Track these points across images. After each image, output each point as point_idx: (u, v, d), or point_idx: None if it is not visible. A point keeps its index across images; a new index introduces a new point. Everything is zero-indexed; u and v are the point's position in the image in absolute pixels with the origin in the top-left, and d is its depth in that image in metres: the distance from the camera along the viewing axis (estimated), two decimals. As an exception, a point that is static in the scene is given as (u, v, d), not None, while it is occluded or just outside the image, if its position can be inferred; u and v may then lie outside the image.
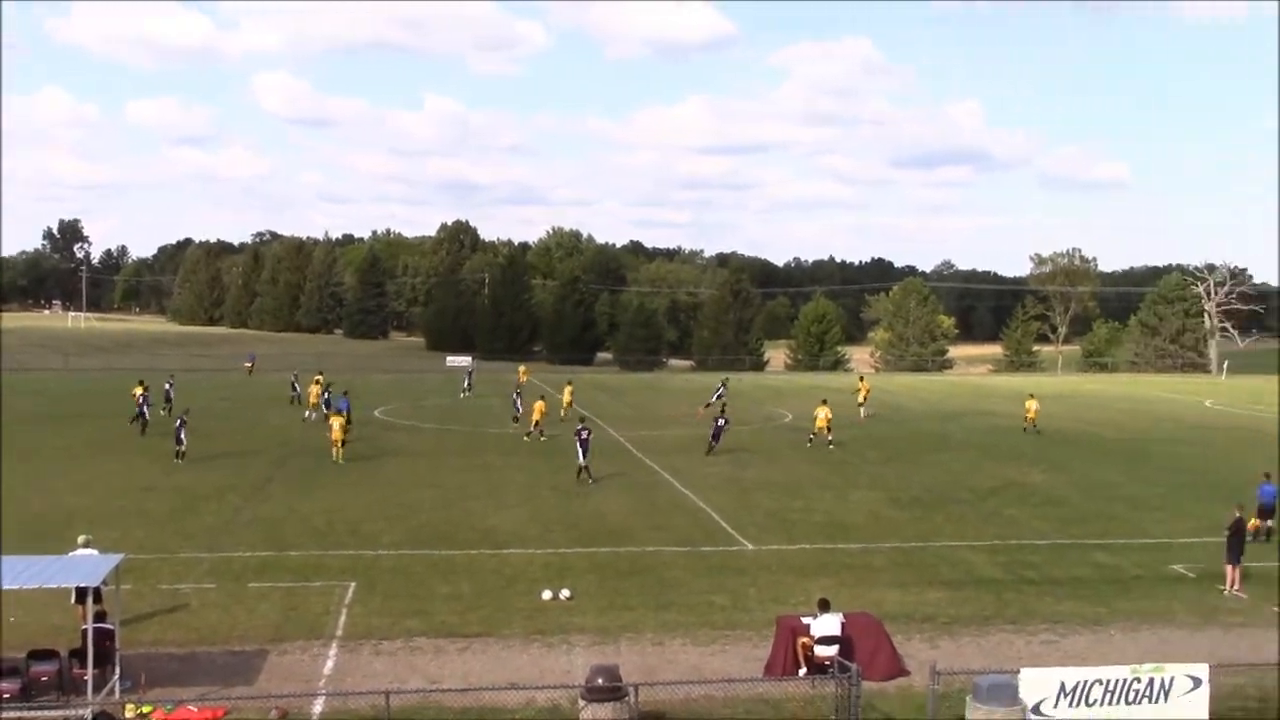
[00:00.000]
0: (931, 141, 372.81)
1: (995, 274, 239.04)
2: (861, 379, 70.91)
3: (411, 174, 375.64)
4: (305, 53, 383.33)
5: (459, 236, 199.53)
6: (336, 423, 42.12)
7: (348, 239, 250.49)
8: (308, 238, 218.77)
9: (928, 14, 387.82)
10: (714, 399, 61.07)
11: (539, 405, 48.83)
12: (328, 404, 53.26)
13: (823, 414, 47.50)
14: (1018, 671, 16.53)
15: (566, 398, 58.08)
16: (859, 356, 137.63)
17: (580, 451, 37.59)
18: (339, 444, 41.26)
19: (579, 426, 39.02)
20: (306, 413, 55.52)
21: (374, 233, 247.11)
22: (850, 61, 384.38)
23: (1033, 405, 54.18)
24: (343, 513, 31.88)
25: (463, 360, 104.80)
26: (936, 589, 24.56)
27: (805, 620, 19.00)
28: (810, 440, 47.25)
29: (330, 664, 19.30)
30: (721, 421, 45.41)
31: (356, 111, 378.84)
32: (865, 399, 60.02)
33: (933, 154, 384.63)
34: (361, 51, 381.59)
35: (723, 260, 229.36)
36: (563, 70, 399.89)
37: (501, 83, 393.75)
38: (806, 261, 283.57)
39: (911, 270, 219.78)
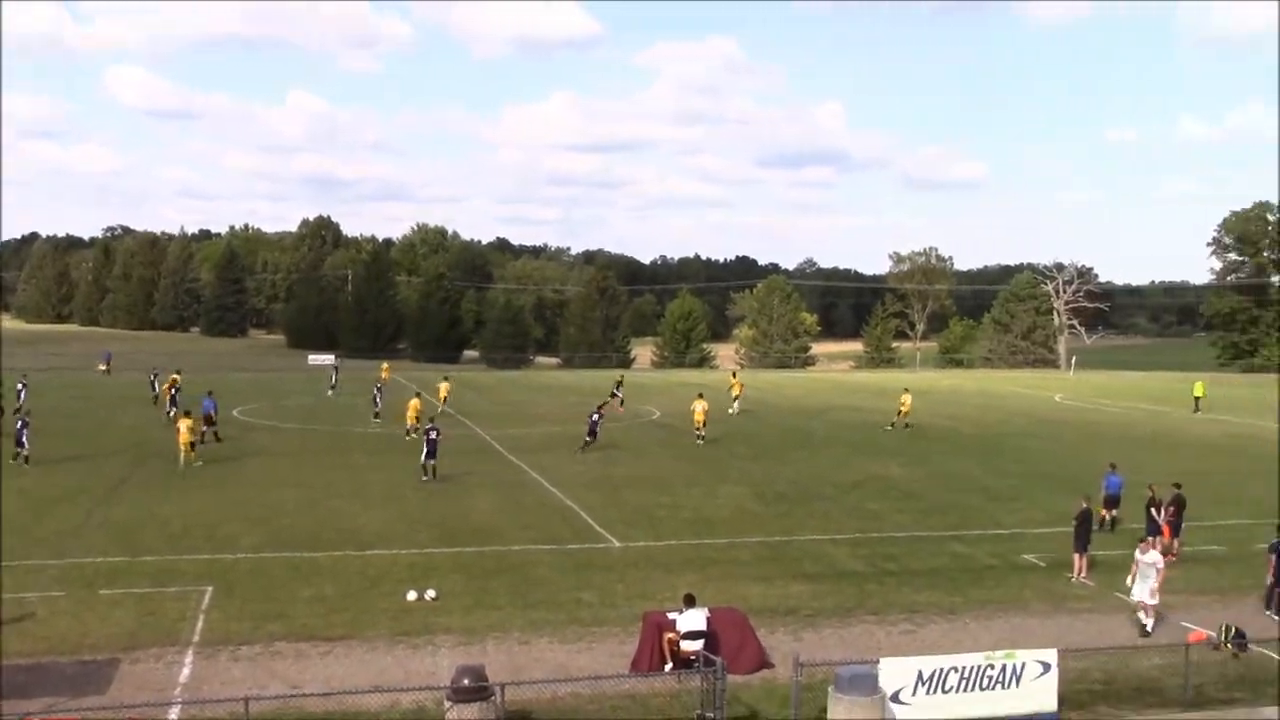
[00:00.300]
0: (795, 142, 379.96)
1: (856, 272, 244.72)
2: (735, 375, 71.66)
3: (276, 170, 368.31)
4: (165, 47, 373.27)
5: (321, 232, 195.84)
6: (184, 425, 40.33)
7: (204, 234, 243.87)
8: (162, 233, 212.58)
9: (790, 14, 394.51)
10: (618, 393, 61.61)
11: (413, 404, 48.23)
12: (174, 402, 51.93)
13: (700, 408, 48.02)
14: (877, 661, 16.93)
15: (443, 393, 58.35)
16: (724, 353, 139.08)
17: (425, 450, 37.33)
18: (188, 447, 39.51)
19: (429, 426, 38.76)
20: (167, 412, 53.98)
21: (232, 228, 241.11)
22: (714, 60, 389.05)
23: (907, 399, 55.27)
24: (200, 515, 31.01)
25: (326, 358, 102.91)
26: (800, 582, 24.97)
27: (671, 616, 19.14)
28: (700, 439, 47.44)
29: (187, 671, 18.76)
30: (595, 416, 45.64)
31: (219, 107, 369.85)
32: (739, 396, 61.07)
33: (797, 154, 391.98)
34: (223, 46, 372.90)
35: (589, 258, 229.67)
36: (428, 67, 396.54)
37: (366, 79, 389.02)
38: (672, 259, 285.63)
39: (775, 268, 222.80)
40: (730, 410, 58.90)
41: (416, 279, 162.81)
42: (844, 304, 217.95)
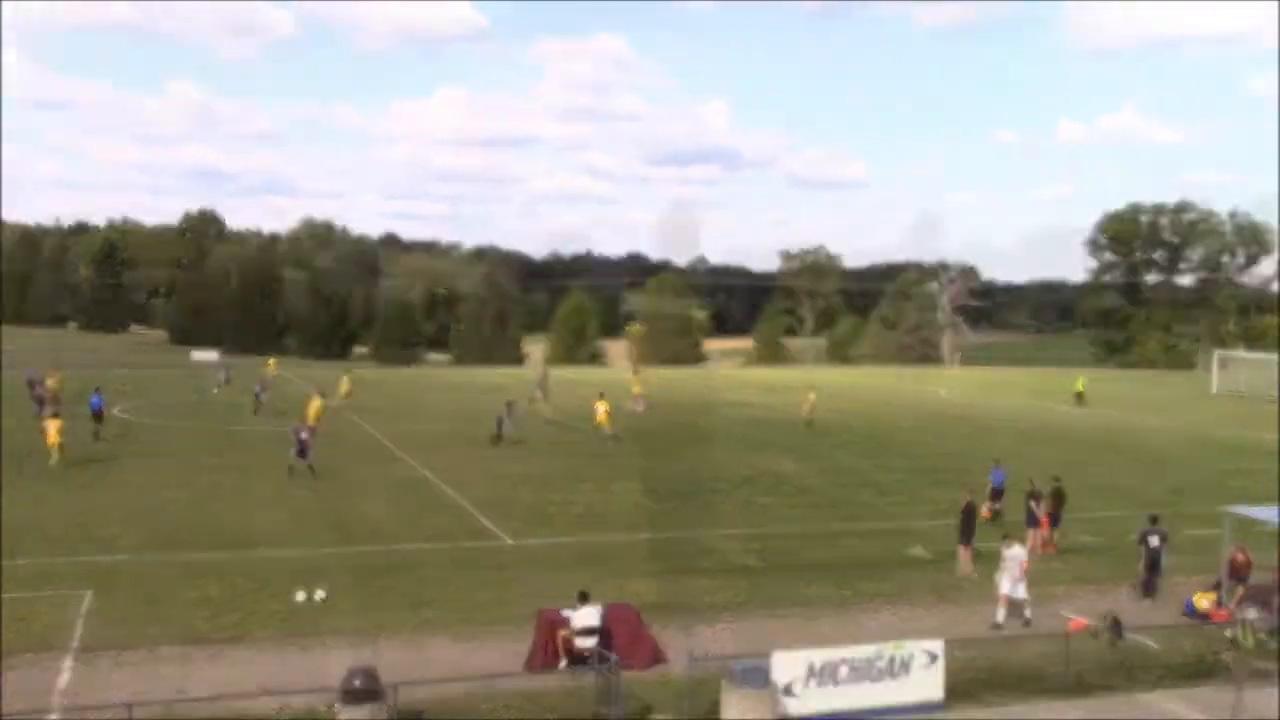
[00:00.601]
0: (683, 140, 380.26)
1: (746, 269, 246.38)
2: (636, 372, 71.69)
3: (155, 161, 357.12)
4: (35, 31, 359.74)
5: (204, 226, 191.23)
6: (53, 426, 39.02)
7: (81, 227, 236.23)
8: (35, 225, 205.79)
9: (677, 13, 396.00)
10: (538, 390, 61.18)
11: (316, 404, 47.33)
12: (40, 401, 50.41)
13: (601, 409, 47.90)
14: (770, 655, 17.11)
15: (344, 388, 57.70)
16: (616, 350, 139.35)
17: (295, 449, 36.74)
18: (56, 447, 38.24)
19: (298, 425, 38.11)
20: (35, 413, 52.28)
21: (110, 221, 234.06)
22: (603, 57, 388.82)
23: (812, 397, 55.63)
24: (78, 517, 30.08)
25: (209, 355, 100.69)
26: (693, 577, 25.10)
27: (565, 613, 19.13)
28: (614, 439, 47.18)
29: (65, 678, 18.19)
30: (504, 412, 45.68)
31: (94, 95, 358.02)
32: (640, 393, 61.20)
33: (684, 152, 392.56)
34: (96, 32, 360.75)
35: (481, 254, 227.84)
36: (312, 58, 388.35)
37: (248, 69, 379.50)
38: (564, 256, 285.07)
39: (666, 265, 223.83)
40: (638, 410, 58.82)
41: (304, 274, 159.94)
42: (735, 301, 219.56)
